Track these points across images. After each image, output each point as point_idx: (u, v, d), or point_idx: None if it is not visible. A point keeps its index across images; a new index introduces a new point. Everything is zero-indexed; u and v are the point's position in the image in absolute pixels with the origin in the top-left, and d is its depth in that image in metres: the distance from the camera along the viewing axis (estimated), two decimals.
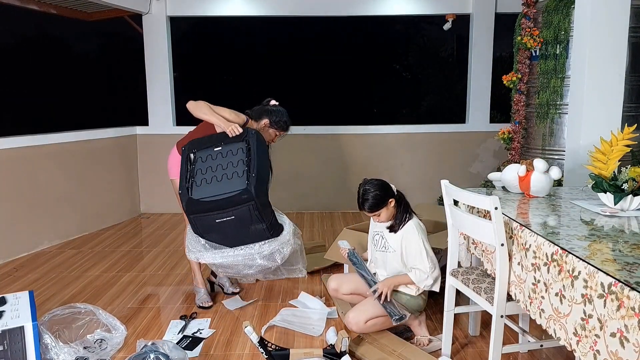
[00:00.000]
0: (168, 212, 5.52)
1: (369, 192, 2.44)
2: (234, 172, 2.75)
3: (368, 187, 2.46)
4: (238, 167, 2.76)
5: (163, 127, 5.56)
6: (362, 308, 2.49)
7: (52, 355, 2.29)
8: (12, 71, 11.61)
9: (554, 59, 3.74)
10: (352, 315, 2.47)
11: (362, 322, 2.45)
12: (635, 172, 2.09)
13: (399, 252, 2.50)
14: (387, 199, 2.46)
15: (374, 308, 2.46)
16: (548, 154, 3.81)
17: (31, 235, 4.27)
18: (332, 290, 2.74)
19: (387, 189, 2.48)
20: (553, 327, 1.68)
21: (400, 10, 5.59)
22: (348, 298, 2.75)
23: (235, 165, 2.77)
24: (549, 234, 1.83)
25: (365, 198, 2.45)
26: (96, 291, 3.37)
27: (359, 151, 5.63)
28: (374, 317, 2.46)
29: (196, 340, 2.65)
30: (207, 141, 2.92)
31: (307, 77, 13.73)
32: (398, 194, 2.52)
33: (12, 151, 4.12)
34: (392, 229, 2.51)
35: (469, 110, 5.75)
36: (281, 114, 3.11)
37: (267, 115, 3.08)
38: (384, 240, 2.56)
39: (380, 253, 2.59)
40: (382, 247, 2.57)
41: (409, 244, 2.46)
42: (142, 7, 5.31)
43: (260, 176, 2.74)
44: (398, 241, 2.50)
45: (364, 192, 2.45)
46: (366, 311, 2.47)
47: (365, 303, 2.52)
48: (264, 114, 3.08)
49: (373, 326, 2.49)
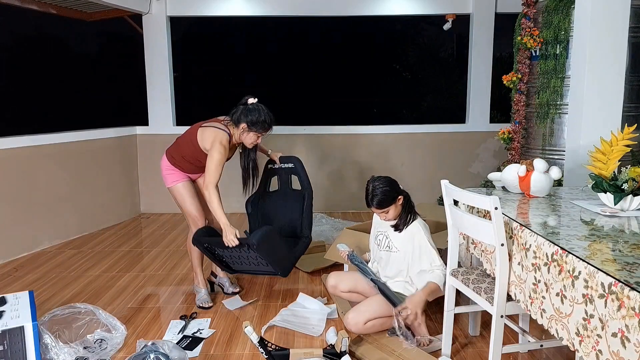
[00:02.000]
0: (168, 212, 5.52)
1: (378, 188, 2.43)
2: (258, 262, 2.92)
3: (377, 184, 2.45)
4: (258, 260, 2.90)
5: (163, 127, 5.56)
6: (362, 309, 2.49)
7: (52, 355, 2.29)
8: (12, 71, 11.61)
9: (554, 59, 3.74)
10: (351, 316, 2.47)
11: (362, 323, 2.45)
12: (635, 172, 2.09)
13: (402, 252, 2.50)
14: (396, 196, 2.46)
15: (373, 309, 2.46)
16: (548, 154, 3.81)
17: (31, 235, 4.27)
18: (331, 287, 2.74)
19: (395, 186, 2.48)
20: (555, 327, 1.68)
21: (400, 10, 5.59)
22: (346, 295, 2.75)
23: (255, 259, 2.91)
24: (549, 234, 1.83)
25: (375, 194, 2.43)
26: (96, 291, 3.36)
27: (359, 151, 5.63)
28: (374, 318, 2.46)
29: (196, 340, 2.65)
30: (213, 239, 2.98)
31: (307, 76, 13.74)
32: (405, 192, 2.53)
33: (12, 151, 4.12)
34: (397, 227, 2.51)
35: (469, 110, 5.75)
36: (259, 112, 2.89)
37: (244, 117, 2.88)
38: (388, 239, 2.56)
39: (385, 252, 2.59)
40: (387, 246, 2.57)
41: (419, 245, 2.46)
42: (142, 7, 5.31)
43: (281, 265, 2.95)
44: (403, 241, 2.50)
45: (373, 189, 2.44)
46: (365, 312, 2.47)
47: (365, 304, 2.52)
48: (242, 116, 2.89)
49: (372, 327, 2.49)
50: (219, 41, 13.43)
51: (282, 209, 3.34)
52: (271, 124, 2.94)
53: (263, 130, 2.93)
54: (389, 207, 2.46)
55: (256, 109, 2.90)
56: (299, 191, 3.35)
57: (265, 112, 2.91)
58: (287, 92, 13.40)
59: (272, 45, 13.60)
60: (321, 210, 5.56)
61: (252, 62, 13.62)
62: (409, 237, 2.50)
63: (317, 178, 5.65)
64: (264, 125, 2.91)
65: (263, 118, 2.89)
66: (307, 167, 5.61)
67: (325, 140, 5.66)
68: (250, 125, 2.89)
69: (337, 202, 5.65)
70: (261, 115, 2.89)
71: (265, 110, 2.92)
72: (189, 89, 12.36)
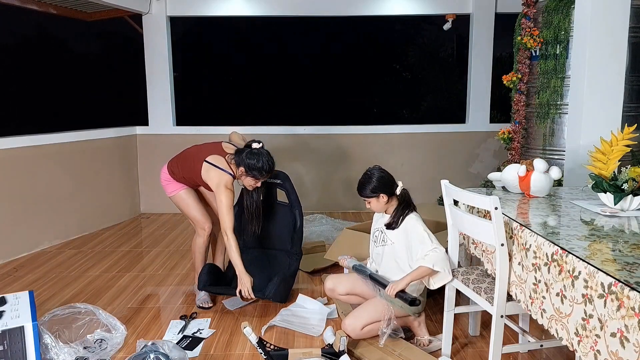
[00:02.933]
0: (168, 212, 5.52)
1: (367, 175, 2.51)
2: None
3: (370, 172, 2.52)
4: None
5: (163, 127, 5.56)
6: (358, 314, 2.49)
7: (52, 355, 2.29)
8: (12, 71, 11.62)
9: (554, 59, 3.74)
10: (348, 322, 2.47)
11: (359, 329, 2.44)
12: (635, 172, 2.09)
13: (397, 244, 2.50)
14: (378, 192, 2.46)
15: (369, 314, 2.46)
16: (548, 154, 3.81)
17: (31, 235, 4.27)
18: (329, 290, 2.75)
19: (385, 183, 2.48)
20: (555, 327, 1.68)
21: (400, 10, 5.59)
22: (344, 298, 2.75)
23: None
24: (549, 234, 1.83)
25: (361, 180, 2.52)
26: (96, 291, 3.36)
27: (359, 151, 5.63)
28: (370, 322, 2.46)
29: (196, 340, 2.65)
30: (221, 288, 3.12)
31: (307, 76, 13.74)
32: (401, 193, 2.51)
33: (12, 151, 4.12)
34: (390, 226, 2.52)
35: (469, 110, 5.75)
36: (257, 158, 2.87)
37: (244, 161, 2.88)
38: (383, 234, 2.57)
39: (380, 248, 2.60)
40: (382, 241, 2.58)
41: (412, 234, 2.44)
42: (142, 7, 5.31)
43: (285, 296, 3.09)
44: (398, 234, 2.51)
45: (364, 175, 2.53)
46: (361, 317, 2.46)
47: (361, 309, 2.51)
48: (243, 159, 2.88)
49: (370, 332, 2.48)
50: (219, 41, 13.43)
51: (271, 222, 3.32)
52: (270, 170, 2.93)
53: (260, 177, 2.92)
54: (370, 199, 2.50)
55: (257, 154, 2.89)
56: (286, 205, 3.30)
57: (264, 159, 2.89)
58: (287, 91, 13.40)
59: (272, 45, 13.60)
60: (321, 210, 5.56)
61: (252, 62, 13.62)
62: (402, 232, 2.50)
63: (317, 178, 5.65)
64: (262, 172, 2.90)
65: (261, 165, 2.88)
66: (307, 167, 5.66)
67: (325, 140, 5.66)
68: (247, 170, 2.89)
69: (337, 202, 5.65)
70: (259, 162, 2.87)
71: (265, 157, 2.90)
72: (189, 89, 12.36)
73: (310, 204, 5.65)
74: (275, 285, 2.92)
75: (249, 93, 13.32)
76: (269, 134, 5.63)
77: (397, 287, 2.35)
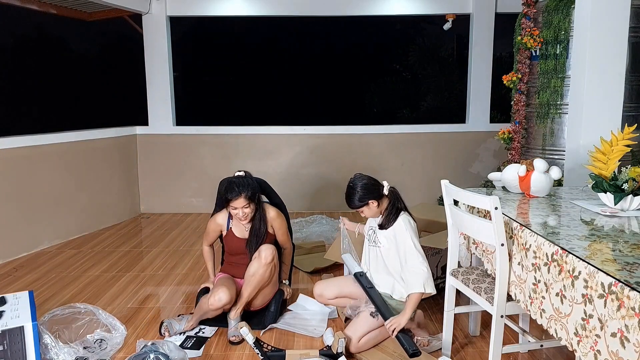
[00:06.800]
0: (168, 212, 5.52)
1: (350, 187, 2.48)
2: None
3: (352, 183, 2.49)
4: None
5: (163, 127, 5.56)
6: (353, 328, 2.48)
7: (52, 355, 2.29)
8: (12, 71, 11.61)
9: (554, 59, 3.74)
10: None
11: (356, 342, 2.44)
12: (635, 172, 2.09)
13: (386, 248, 2.52)
14: (366, 199, 2.46)
15: (364, 325, 2.46)
16: (548, 154, 3.81)
17: (31, 235, 4.27)
18: (317, 296, 2.77)
19: (370, 190, 2.46)
20: (554, 327, 1.68)
21: (400, 10, 5.59)
22: (334, 302, 2.76)
23: None
24: (549, 234, 1.83)
25: (346, 193, 2.50)
26: (96, 291, 3.36)
27: (359, 151, 5.62)
28: (367, 332, 2.45)
29: (201, 340, 2.65)
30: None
31: (307, 76, 13.73)
32: (389, 193, 2.51)
33: (12, 151, 4.12)
34: (382, 227, 2.52)
35: (469, 110, 5.75)
36: (222, 186, 2.66)
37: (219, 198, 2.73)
38: (375, 234, 2.58)
39: (372, 248, 2.63)
40: (374, 241, 2.60)
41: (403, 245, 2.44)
42: (142, 7, 5.31)
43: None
44: (387, 237, 2.51)
45: (347, 187, 2.50)
46: (356, 330, 2.46)
47: (355, 322, 2.51)
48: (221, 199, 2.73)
49: (368, 342, 2.47)
50: (219, 41, 13.43)
51: None
52: (229, 195, 2.59)
53: (227, 205, 2.65)
54: (362, 209, 2.50)
55: (223, 183, 2.67)
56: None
57: (224, 185, 2.63)
58: (286, 91, 13.40)
59: (272, 45, 13.60)
60: (321, 210, 5.56)
61: (252, 62, 13.61)
62: (391, 234, 2.50)
63: (316, 178, 5.65)
64: (226, 199, 2.63)
65: (222, 191, 2.65)
66: (307, 166, 5.66)
67: (325, 140, 5.66)
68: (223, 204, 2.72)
69: (337, 203, 5.64)
70: (221, 189, 2.66)
71: (226, 183, 2.64)
72: (189, 89, 12.36)
73: (310, 204, 5.65)
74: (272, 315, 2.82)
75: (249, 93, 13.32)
76: (269, 134, 5.64)
77: (399, 324, 2.32)
